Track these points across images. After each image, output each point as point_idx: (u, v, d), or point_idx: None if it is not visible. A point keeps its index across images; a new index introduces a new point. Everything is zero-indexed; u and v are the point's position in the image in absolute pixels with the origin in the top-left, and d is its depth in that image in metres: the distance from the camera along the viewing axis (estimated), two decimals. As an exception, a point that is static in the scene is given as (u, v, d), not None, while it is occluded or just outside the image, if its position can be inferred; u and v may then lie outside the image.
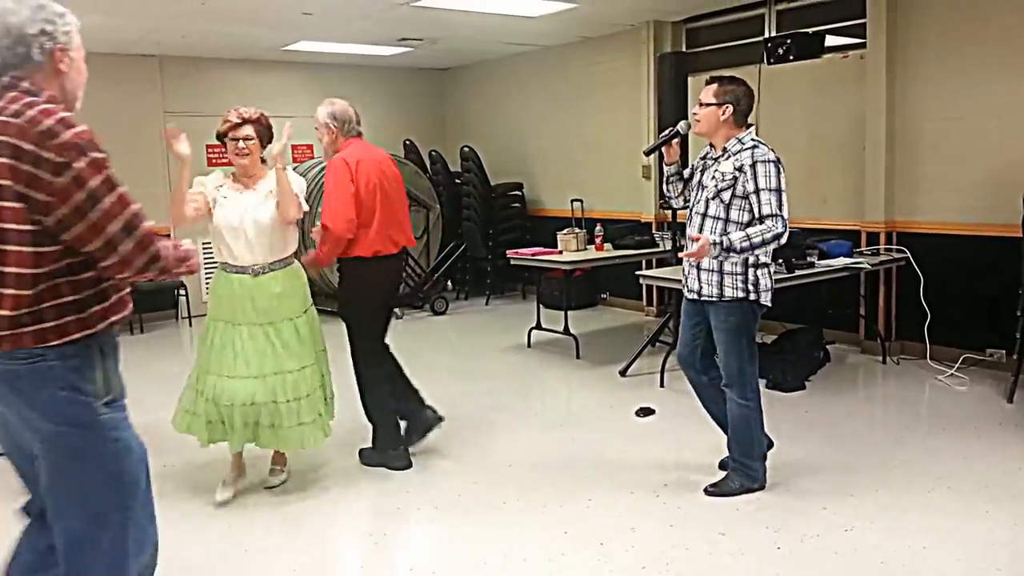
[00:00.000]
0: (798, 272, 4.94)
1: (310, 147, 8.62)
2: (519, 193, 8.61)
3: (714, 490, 3.53)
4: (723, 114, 3.33)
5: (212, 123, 4.24)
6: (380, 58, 8.53)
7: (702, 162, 3.50)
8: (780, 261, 4.94)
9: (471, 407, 4.94)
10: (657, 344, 5.71)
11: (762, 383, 4.99)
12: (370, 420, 3.94)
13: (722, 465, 3.73)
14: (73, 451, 1.82)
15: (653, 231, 6.91)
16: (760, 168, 3.23)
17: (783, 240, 3.24)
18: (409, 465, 3.90)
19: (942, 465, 3.80)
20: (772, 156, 3.28)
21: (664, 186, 3.72)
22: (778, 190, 3.24)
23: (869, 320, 5.84)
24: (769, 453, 3.79)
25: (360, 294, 3.81)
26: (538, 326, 6.37)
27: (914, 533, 3.14)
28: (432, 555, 3.21)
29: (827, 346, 5.64)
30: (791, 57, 6.09)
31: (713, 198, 3.34)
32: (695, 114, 3.44)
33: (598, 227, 6.35)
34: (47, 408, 1.80)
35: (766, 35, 6.44)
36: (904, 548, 3.02)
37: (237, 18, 6.32)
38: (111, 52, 7.47)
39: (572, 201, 7.54)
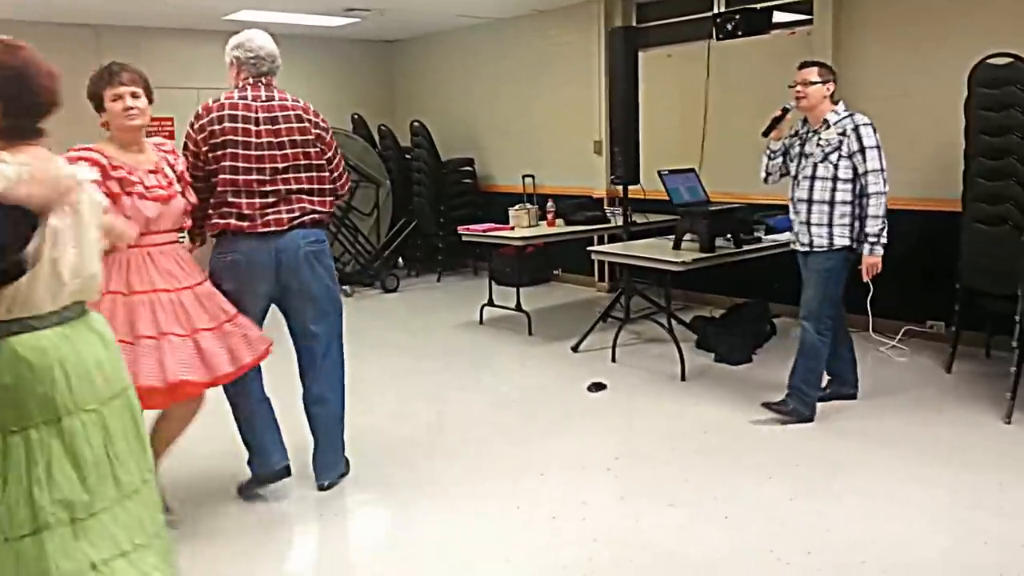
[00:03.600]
0: (745, 247, 5.00)
1: (170, 119, 7.70)
2: (470, 169, 8.54)
3: (774, 406, 4.03)
4: (828, 90, 3.88)
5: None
6: (326, 29, 8.34)
7: (798, 138, 4.03)
8: (729, 236, 5.01)
9: (423, 384, 4.92)
10: (609, 320, 5.74)
11: (709, 357, 5.17)
12: None
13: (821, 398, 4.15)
14: (338, 303, 3.37)
15: (604, 207, 6.93)
16: (863, 130, 3.81)
17: (887, 191, 3.86)
18: None
19: (884, 432, 3.91)
20: (868, 120, 3.84)
21: (767, 163, 4.17)
22: (877, 147, 3.83)
23: (814, 294, 5.93)
24: (715, 425, 4.01)
25: None
26: (490, 303, 6.36)
27: (859, 500, 3.23)
28: (382, 534, 3.20)
29: (773, 319, 5.74)
30: (739, 33, 6.13)
31: (821, 161, 3.87)
32: (798, 92, 3.92)
33: (549, 203, 6.34)
34: (330, 272, 3.30)
35: (715, 11, 6.47)
36: (848, 514, 3.11)
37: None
38: (44, 20, 7.17)
39: (524, 177, 7.49)
